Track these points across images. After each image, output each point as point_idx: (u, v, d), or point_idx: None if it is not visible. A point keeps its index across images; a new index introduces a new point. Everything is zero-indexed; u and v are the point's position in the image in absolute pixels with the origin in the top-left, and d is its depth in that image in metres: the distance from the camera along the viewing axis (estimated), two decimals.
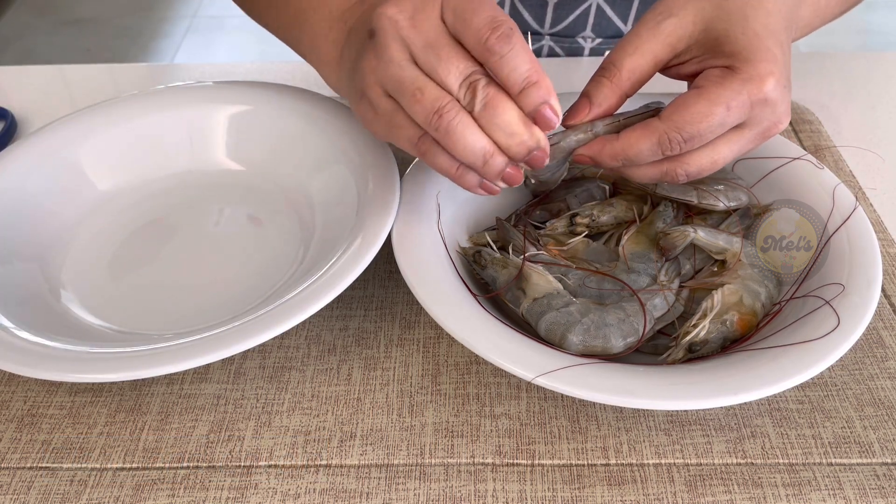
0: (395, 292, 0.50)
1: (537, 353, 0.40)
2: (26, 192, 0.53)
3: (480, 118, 0.38)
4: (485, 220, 0.53)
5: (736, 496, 0.39)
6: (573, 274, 0.46)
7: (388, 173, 0.49)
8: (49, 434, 0.43)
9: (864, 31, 2.42)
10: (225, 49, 2.49)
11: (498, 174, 0.40)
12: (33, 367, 0.40)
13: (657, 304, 0.44)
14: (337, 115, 0.56)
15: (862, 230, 0.46)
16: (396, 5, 0.39)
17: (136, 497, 0.40)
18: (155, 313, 0.49)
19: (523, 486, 0.40)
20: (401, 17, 0.39)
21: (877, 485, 0.40)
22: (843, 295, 0.42)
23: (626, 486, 0.40)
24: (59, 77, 0.74)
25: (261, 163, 0.58)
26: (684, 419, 0.43)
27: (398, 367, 0.46)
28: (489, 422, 0.43)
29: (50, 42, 2.52)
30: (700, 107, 0.39)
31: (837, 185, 0.48)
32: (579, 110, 0.42)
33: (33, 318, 0.45)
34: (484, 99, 0.38)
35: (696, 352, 0.43)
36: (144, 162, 0.57)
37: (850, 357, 0.45)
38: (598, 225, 0.50)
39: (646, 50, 0.42)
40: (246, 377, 0.46)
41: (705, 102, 0.39)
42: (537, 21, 0.73)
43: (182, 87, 0.60)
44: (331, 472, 0.41)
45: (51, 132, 0.56)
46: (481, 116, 0.38)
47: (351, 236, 0.46)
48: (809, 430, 0.42)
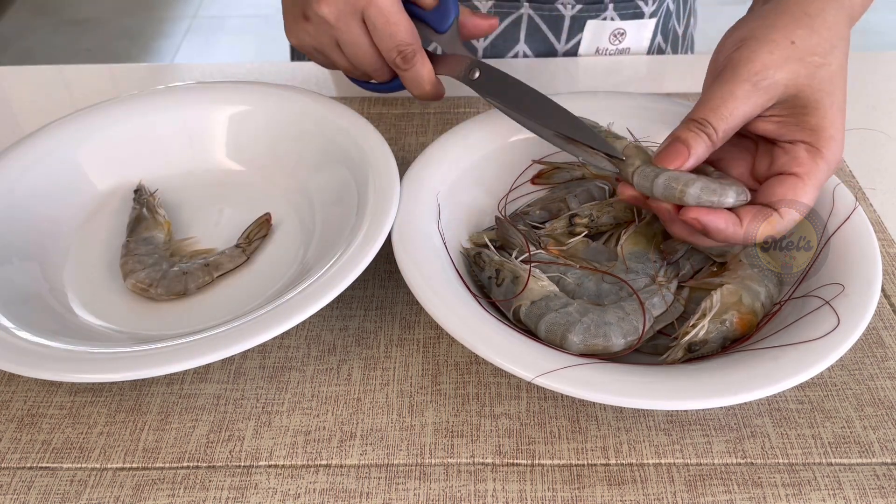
0: (395, 292, 0.50)
1: (537, 353, 0.40)
2: (26, 192, 0.53)
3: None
4: (485, 220, 0.53)
5: (736, 496, 0.39)
6: (572, 273, 0.46)
7: (388, 173, 0.49)
8: (49, 434, 0.43)
9: (863, 32, 2.42)
10: (225, 49, 2.49)
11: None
12: (33, 367, 0.40)
13: (656, 304, 0.44)
14: (337, 115, 0.56)
15: (862, 230, 0.46)
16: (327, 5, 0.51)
17: (136, 497, 0.40)
18: (155, 313, 0.49)
19: (523, 486, 0.40)
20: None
21: (877, 485, 0.40)
22: (843, 295, 0.42)
23: (626, 486, 0.40)
24: (59, 77, 0.74)
25: (261, 163, 0.58)
26: (684, 419, 0.43)
27: (398, 367, 0.46)
28: (489, 422, 0.43)
29: (50, 42, 2.52)
30: (809, 196, 0.43)
31: (837, 185, 0.48)
32: (677, 155, 0.43)
33: (33, 318, 0.45)
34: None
35: (696, 352, 0.43)
36: (144, 162, 0.57)
37: (850, 357, 0.45)
38: (598, 225, 0.50)
39: (740, 114, 0.43)
40: (246, 377, 0.46)
41: (812, 190, 0.43)
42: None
43: (182, 87, 0.60)
44: (331, 472, 0.41)
45: (51, 132, 0.55)
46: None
47: (351, 236, 0.46)
48: (809, 430, 0.42)
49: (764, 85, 0.42)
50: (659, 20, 0.74)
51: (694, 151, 0.43)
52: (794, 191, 0.42)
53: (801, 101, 0.43)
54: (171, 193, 0.57)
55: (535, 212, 0.53)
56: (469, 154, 0.53)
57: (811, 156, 0.43)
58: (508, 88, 0.52)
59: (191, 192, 0.57)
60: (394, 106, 0.66)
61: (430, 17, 0.54)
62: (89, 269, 0.51)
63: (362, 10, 0.51)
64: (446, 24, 0.53)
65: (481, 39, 0.73)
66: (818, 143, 0.43)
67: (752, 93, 0.42)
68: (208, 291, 0.50)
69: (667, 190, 0.43)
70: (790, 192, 0.42)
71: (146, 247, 0.51)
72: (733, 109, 0.43)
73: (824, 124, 0.43)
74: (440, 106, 0.66)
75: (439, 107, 0.66)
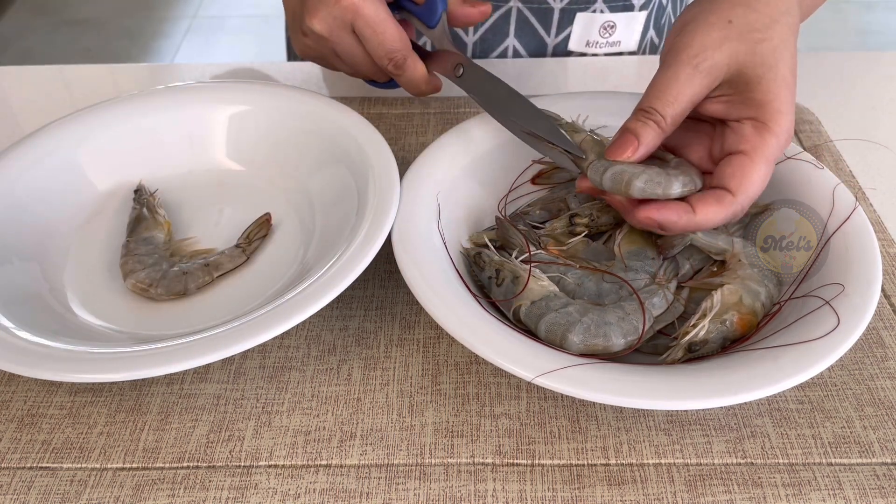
0: (395, 292, 0.50)
1: (537, 353, 0.40)
2: (26, 192, 0.53)
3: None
4: (485, 219, 0.53)
5: (736, 496, 0.39)
6: (572, 273, 0.46)
7: (388, 173, 0.49)
8: (49, 434, 0.43)
9: (862, 32, 2.42)
10: (225, 49, 2.49)
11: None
12: (33, 367, 0.40)
13: (656, 303, 0.44)
14: (337, 115, 0.56)
15: (862, 230, 0.45)
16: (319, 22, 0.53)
17: (136, 497, 0.40)
18: (155, 313, 0.49)
19: (523, 486, 0.40)
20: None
21: (877, 485, 0.40)
22: (843, 295, 0.42)
23: (626, 486, 0.40)
24: (59, 77, 0.74)
25: (261, 163, 0.58)
26: (684, 419, 0.43)
27: (398, 367, 0.46)
28: (489, 422, 0.43)
29: (50, 42, 2.52)
30: (759, 172, 0.43)
31: (837, 185, 0.48)
32: (626, 146, 0.44)
33: (33, 318, 0.45)
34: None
35: (696, 352, 0.43)
36: (144, 162, 0.57)
37: (850, 357, 0.45)
38: (598, 225, 0.50)
39: (685, 97, 0.43)
40: (246, 377, 0.46)
41: (762, 166, 0.43)
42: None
43: (182, 87, 0.60)
44: (331, 472, 0.41)
45: (51, 132, 0.55)
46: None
47: (351, 236, 0.46)
48: (809, 430, 0.42)
49: (704, 67, 0.43)
50: (651, 13, 0.74)
51: (643, 140, 0.43)
52: (741, 169, 0.42)
53: (744, 79, 0.43)
54: (171, 193, 0.57)
55: (535, 212, 0.53)
56: (469, 154, 0.53)
57: (758, 131, 0.43)
58: (487, 85, 0.53)
59: (191, 192, 0.57)
60: (394, 106, 0.66)
61: (419, 12, 0.55)
62: (89, 269, 0.51)
63: (351, 22, 0.52)
64: (434, 19, 0.55)
65: (471, 34, 0.74)
66: (764, 117, 0.43)
67: (693, 75, 0.43)
68: (208, 291, 0.50)
69: (614, 183, 0.44)
70: (738, 171, 0.42)
71: (146, 247, 0.51)
72: (677, 94, 0.43)
73: (768, 98, 0.42)
74: (440, 106, 0.66)
75: (439, 107, 0.66)
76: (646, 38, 0.75)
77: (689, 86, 0.43)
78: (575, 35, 0.73)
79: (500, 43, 0.74)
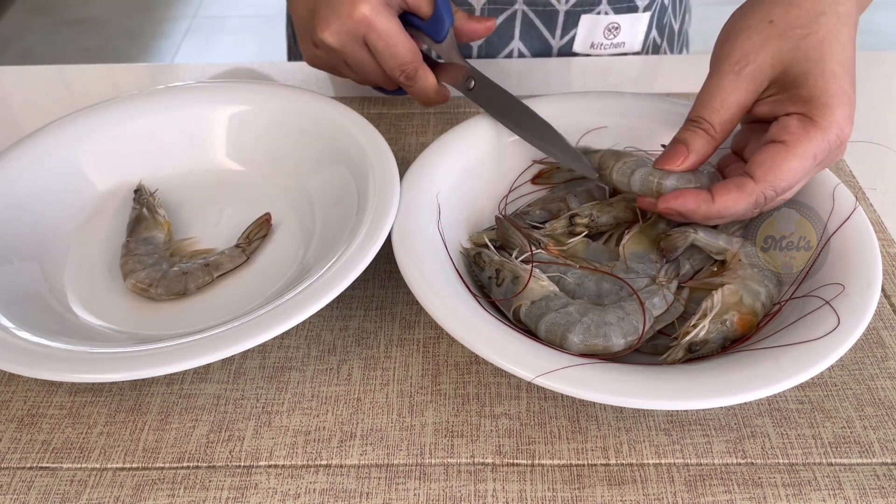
0: (395, 292, 0.50)
1: (537, 353, 0.40)
2: (26, 192, 0.53)
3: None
4: (485, 220, 0.53)
5: (736, 496, 0.39)
6: (572, 273, 0.46)
7: (388, 173, 0.49)
8: (49, 434, 0.43)
9: (864, 31, 2.41)
10: (225, 49, 2.49)
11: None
12: (33, 367, 0.40)
13: (656, 304, 0.44)
14: (337, 114, 0.56)
15: (862, 230, 0.45)
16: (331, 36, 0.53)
17: (136, 497, 0.40)
18: (155, 313, 0.49)
19: (523, 486, 0.40)
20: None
21: (877, 485, 0.40)
22: (843, 295, 0.42)
23: (626, 486, 0.40)
24: (59, 77, 0.74)
25: (261, 163, 0.58)
26: (684, 419, 0.43)
27: (398, 367, 0.46)
28: (489, 422, 0.43)
29: (50, 42, 2.52)
30: (792, 164, 0.42)
31: (837, 185, 0.48)
32: (677, 156, 0.45)
33: (33, 318, 0.45)
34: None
35: (696, 352, 0.43)
36: (144, 162, 0.57)
37: (850, 357, 0.45)
38: (598, 225, 0.50)
39: (731, 103, 0.44)
40: (246, 377, 0.46)
41: (796, 159, 0.42)
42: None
43: (182, 87, 0.60)
44: (331, 472, 0.41)
45: (51, 132, 0.55)
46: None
47: (351, 236, 0.46)
48: (809, 430, 0.42)
49: (747, 71, 0.43)
50: (654, 14, 0.74)
51: (693, 147, 0.44)
52: (772, 157, 0.42)
53: (790, 76, 0.43)
54: (171, 193, 0.57)
55: (535, 212, 0.53)
56: (469, 154, 0.53)
57: (802, 124, 0.42)
58: (501, 100, 0.54)
59: (191, 192, 0.57)
60: (394, 106, 0.66)
61: (427, 27, 0.56)
62: (89, 269, 0.51)
63: (363, 36, 0.53)
64: (442, 33, 0.55)
65: None
66: (811, 112, 0.42)
67: (736, 82, 0.43)
68: (208, 291, 0.50)
69: (644, 185, 0.47)
70: (768, 159, 0.42)
71: (146, 247, 0.51)
72: (723, 101, 0.44)
73: (815, 93, 0.42)
74: (440, 106, 0.66)
75: (439, 107, 0.66)
76: (649, 39, 0.75)
77: (734, 92, 0.43)
78: (580, 37, 0.73)
79: (505, 45, 0.74)
